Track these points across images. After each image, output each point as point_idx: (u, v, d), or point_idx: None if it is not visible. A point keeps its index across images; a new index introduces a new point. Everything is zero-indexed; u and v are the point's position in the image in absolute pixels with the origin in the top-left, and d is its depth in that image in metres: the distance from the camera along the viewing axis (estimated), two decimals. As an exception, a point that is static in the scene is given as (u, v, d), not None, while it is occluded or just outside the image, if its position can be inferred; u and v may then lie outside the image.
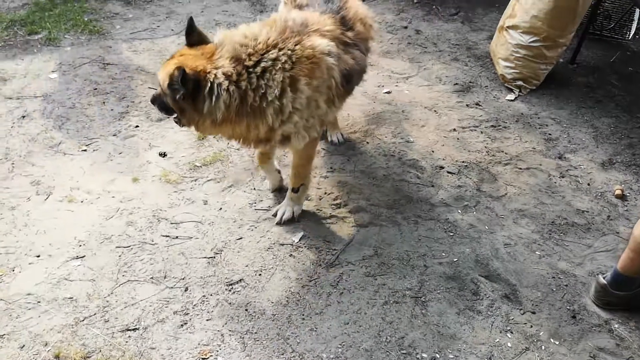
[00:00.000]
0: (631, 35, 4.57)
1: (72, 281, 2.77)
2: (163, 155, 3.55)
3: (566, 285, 2.78)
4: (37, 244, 2.95)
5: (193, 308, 2.66)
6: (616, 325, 2.60)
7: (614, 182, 3.35)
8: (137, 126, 3.77)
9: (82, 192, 3.28)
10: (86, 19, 4.92)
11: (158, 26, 4.87)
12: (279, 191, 3.28)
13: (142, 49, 4.57)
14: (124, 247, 2.95)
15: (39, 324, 2.56)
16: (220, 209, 3.19)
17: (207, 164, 3.48)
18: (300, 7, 2.91)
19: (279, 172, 3.31)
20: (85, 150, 3.57)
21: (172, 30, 4.81)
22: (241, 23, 4.58)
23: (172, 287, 2.75)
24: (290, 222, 3.09)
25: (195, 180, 3.37)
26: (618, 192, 3.26)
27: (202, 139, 3.60)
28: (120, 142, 3.64)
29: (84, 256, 2.90)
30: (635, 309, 2.64)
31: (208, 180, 3.37)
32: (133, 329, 2.55)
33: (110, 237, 3.01)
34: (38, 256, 2.89)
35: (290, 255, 2.92)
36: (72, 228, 3.05)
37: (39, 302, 2.66)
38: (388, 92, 4.06)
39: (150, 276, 2.80)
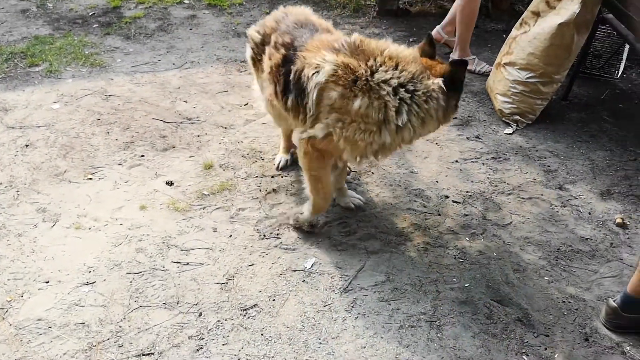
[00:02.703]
0: (619, 74, 4.76)
1: (83, 307, 2.74)
2: (170, 184, 3.56)
3: (576, 309, 2.82)
4: (46, 270, 2.92)
5: (208, 333, 2.63)
6: (628, 348, 2.64)
7: (614, 212, 3.44)
8: (142, 155, 3.79)
9: (89, 219, 3.27)
10: (87, 53, 4.97)
11: (159, 60, 4.94)
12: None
13: (144, 81, 4.62)
14: (135, 274, 2.93)
15: (52, 349, 2.51)
16: (230, 236, 3.19)
17: (215, 192, 3.49)
18: (285, 45, 3.01)
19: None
20: (90, 178, 3.57)
21: (174, 64, 4.88)
22: (242, 58, 4.68)
23: (185, 313, 2.73)
24: (300, 249, 3.11)
25: (204, 208, 3.38)
26: (619, 220, 3.35)
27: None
28: (126, 171, 3.65)
29: (94, 282, 2.87)
30: (646, 332, 2.68)
31: (217, 209, 3.38)
32: (148, 354, 2.52)
33: (120, 263, 2.98)
34: (47, 282, 2.85)
35: (303, 281, 2.92)
36: (80, 254, 3.03)
37: (50, 327, 2.62)
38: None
39: (163, 302, 2.78)
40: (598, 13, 4.00)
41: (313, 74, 2.78)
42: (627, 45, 4.47)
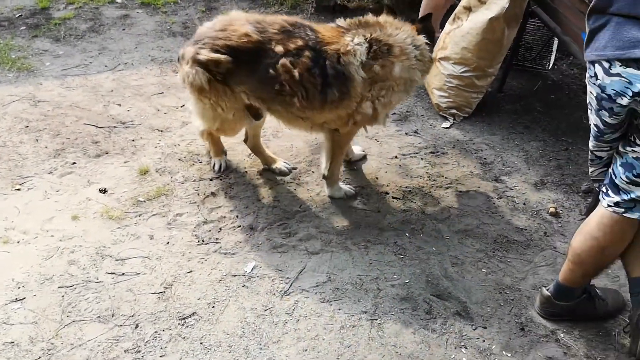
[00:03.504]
0: (551, 65, 4.89)
1: (12, 325, 2.62)
2: (103, 191, 3.45)
3: (512, 300, 2.88)
4: (-29, 288, 2.78)
5: (145, 345, 2.56)
6: (562, 335, 2.71)
7: (547, 201, 3.53)
8: (74, 163, 3.65)
9: (18, 232, 3.13)
10: (13, 57, 4.76)
11: (91, 62, 4.78)
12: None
13: (75, 85, 4.45)
14: (67, 287, 2.82)
15: (-22, 373, 2.39)
16: (168, 243, 3.12)
17: (151, 198, 3.40)
18: (302, 48, 3.06)
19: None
20: (19, 189, 3.42)
21: (106, 66, 4.73)
22: (177, 58, 4.60)
23: (121, 325, 2.65)
24: (240, 253, 3.06)
25: (140, 215, 3.29)
26: (552, 210, 3.44)
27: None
28: (57, 180, 3.51)
29: (24, 298, 2.75)
30: (578, 318, 2.76)
31: (153, 215, 3.29)
32: (82, 371, 2.43)
33: (51, 277, 2.87)
34: (-28, 301, 2.72)
35: (243, 285, 2.88)
36: (8, 270, 2.90)
37: (-25, 349, 2.49)
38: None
39: (97, 315, 2.69)
40: (527, 7, 4.09)
41: (352, 58, 2.98)
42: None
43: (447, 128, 4.17)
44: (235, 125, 3.36)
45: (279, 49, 2.99)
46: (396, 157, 3.85)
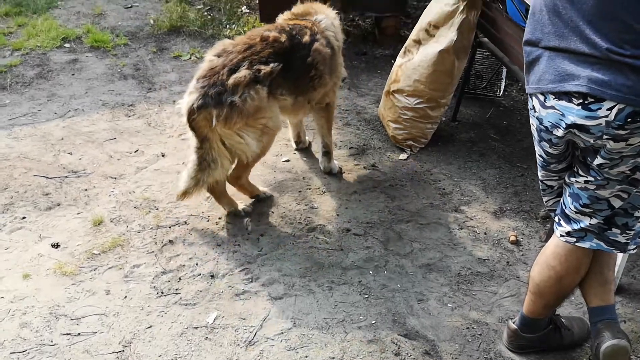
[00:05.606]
0: (501, 92, 4.99)
1: (-40, 400, 2.47)
2: (56, 246, 3.32)
3: (480, 335, 2.86)
4: None
5: (105, 411, 2.44)
6: (531, 368, 2.71)
7: (507, 229, 3.56)
8: (24, 217, 3.52)
9: (-35, 295, 2.97)
10: (-43, 108, 4.60)
11: (39, 110, 4.65)
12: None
13: (23, 135, 4.32)
14: (20, 352, 2.69)
15: None
16: (125, 297, 3.01)
17: (106, 250, 3.29)
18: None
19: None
20: (-35, 249, 3.26)
21: (56, 113, 4.61)
22: (130, 102, 4.53)
23: (78, 391, 2.52)
24: (201, 303, 2.97)
25: (95, 269, 3.17)
26: (512, 238, 3.46)
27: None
28: (5, 237, 3.37)
29: (-28, 369, 2.60)
30: (546, 349, 2.76)
31: (109, 268, 3.18)
32: None
33: (2, 342, 2.72)
34: None
35: (206, 338, 2.79)
36: (-45, 338, 2.74)
37: None
38: (287, 161, 4.11)
39: (53, 381, 2.56)
40: (475, 38, 4.18)
41: (328, 32, 3.68)
42: (505, 66, 4.69)
43: (404, 160, 4.19)
44: (275, 135, 3.50)
45: (306, 38, 3.45)
46: (356, 192, 3.83)
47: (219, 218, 3.56)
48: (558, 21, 2.13)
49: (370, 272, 3.21)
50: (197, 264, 3.22)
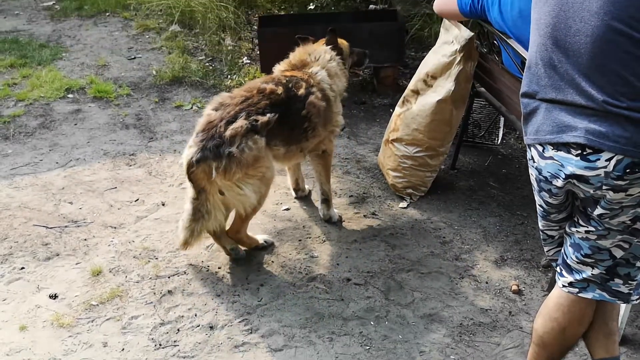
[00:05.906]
0: (499, 140, 5.04)
1: None
2: (54, 297, 3.30)
3: (484, 387, 2.81)
4: None
5: None
6: (537, 422, 2.64)
7: (509, 278, 3.53)
8: (22, 268, 3.50)
9: (-40, 348, 2.93)
10: (-41, 158, 4.64)
11: (41, 160, 4.68)
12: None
13: (24, 184, 4.34)
14: (13, 408, 2.62)
15: None
16: (123, 349, 2.96)
17: (105, 301, 3.26)
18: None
19: None
20: (-38, 300, 3.23)
21: (57, 163, 4.64)
22: (131, 151, 4.58)
23: None
24: (200, 355, 2.93)
25: (92, 320, 3.14)
26: (514, 287, 3.43)
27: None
28: (3, 288, 3.35)
29: None
30: (551, 402, 2.70)
31: (107, 320, 3.15)
32: None
33: (-5, 398, 2.67)
34: None
35: (204, 392, 2.74)
36: (-52, 393, 2.69)
37: None
38: (287, 209, 4.12)
39: None
40: (472, 87, 4.25)
41: (323, 84, 3.74)
42: (502, 114, 4.75)
43: (404, 208, 4.20)
44: (271, 185, 3.52)
45: (302, 91, 3.51)
46: (356, 240, 3.82)
47: (219, 267, 3.55)
48: (554, 74, 2.17)
49: (372, 322, 3.17)
50: (196, 315, 3.19)
